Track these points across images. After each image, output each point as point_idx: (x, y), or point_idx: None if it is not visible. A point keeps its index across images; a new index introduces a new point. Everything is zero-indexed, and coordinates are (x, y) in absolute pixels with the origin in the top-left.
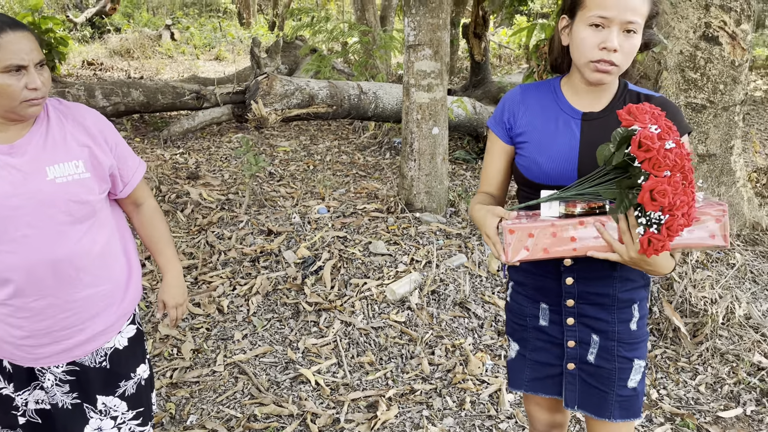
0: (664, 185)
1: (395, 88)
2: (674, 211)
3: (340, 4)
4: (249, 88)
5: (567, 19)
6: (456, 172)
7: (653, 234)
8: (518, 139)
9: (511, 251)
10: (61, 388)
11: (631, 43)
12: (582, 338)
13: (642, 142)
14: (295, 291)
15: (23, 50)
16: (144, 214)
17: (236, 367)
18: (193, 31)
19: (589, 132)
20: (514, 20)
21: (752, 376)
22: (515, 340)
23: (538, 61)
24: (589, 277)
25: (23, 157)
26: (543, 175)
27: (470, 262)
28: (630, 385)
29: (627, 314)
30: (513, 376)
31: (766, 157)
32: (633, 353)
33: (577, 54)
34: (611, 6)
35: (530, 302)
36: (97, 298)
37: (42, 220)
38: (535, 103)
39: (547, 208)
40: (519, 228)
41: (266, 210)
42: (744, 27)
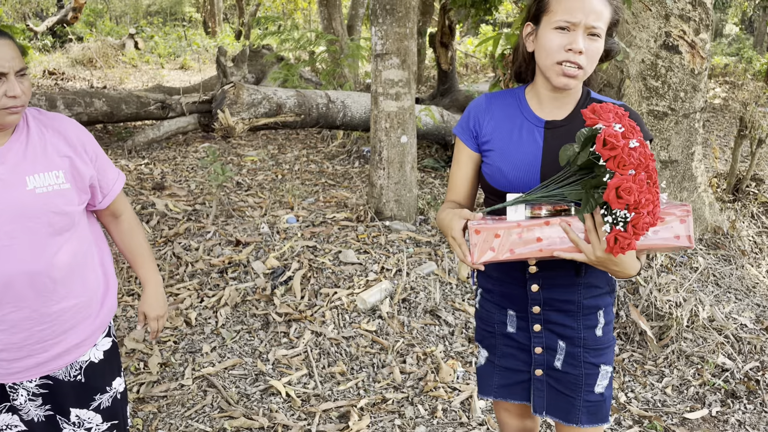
0: (630, 183)
1: (363, 97)
2: (640, 209)
3: (306, 13)
4: (215, 97)
5: (531, 26)
6: (425, 180)
7: (620, 232)
8: (484, 147)
9: (477, 252)
10: (34, 402)
11: (595, 46)
12: (549, 344)
13: (607, 140)
14: (264, 302)
15: (4, 58)
16: (123, 225)
17: (205, 381)
18: (157, 40)
19: (552, 140)
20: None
21: (717, 377)
22: (484, 346)
23: (504, 70)
24: (554, 285)
25: (2, 166)
26: (507, 183)
27: (440, 270)
28: (597, 391)
29: (592, 320)
30: (482, 383)
31: (726, 162)
32: (599, 359)
33: (543, 57)
34: (577, 10)
35: (498, 309)
36: (74, 310)
37: (21, 230)
38: (499, 111)
39: (513, 212)
40: (485, 228)
41: (234, 220)
42: (703, 36)
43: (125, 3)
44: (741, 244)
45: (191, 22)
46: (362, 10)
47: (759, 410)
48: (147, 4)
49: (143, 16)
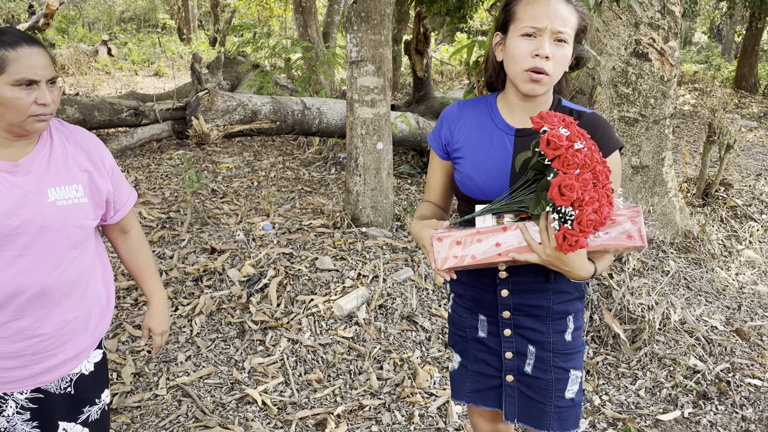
0: (571, 180)
1: (339, 104)
2: (583, 206)
3: (282, 20)
4: (190, 104)
5: (500, 35)
6: (401, 186)
7: (567, 229)
8: (455, 155)
9: (440, 259)
10: (21, 416)
11: (562, 52)
12: (519, 349)
13: (550, 140)
14: (240, 310)
15: (37, 65)
16: (131, 241)
17: (179, 390)
18: (131, 46)
19: (522, 147)
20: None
21: (688, 379)
22: (457, 351)
23: (478, 77)
24: (524, 290)
25: (26, 176)
26: (477, 190)
27: (417, 276)
28: (567, 396)
29: (562, 325)
30: (455, 387)
31: (696, 167)
32: (569, 363)
33: (511, 65)
34: (542, 16)
35: (469, 314)
36: (74, 323)
37: (39, 242)
38: (471, 118)
39: (482, 222)
40: (446, 236)
41: (209, 228)
42: (672, 44)
43: (98, 9)
44: (711, 248)
45: (165, 28)
46: (338, 17)
47: (730, 411)
48: (120, 11)
49: (117, 23)
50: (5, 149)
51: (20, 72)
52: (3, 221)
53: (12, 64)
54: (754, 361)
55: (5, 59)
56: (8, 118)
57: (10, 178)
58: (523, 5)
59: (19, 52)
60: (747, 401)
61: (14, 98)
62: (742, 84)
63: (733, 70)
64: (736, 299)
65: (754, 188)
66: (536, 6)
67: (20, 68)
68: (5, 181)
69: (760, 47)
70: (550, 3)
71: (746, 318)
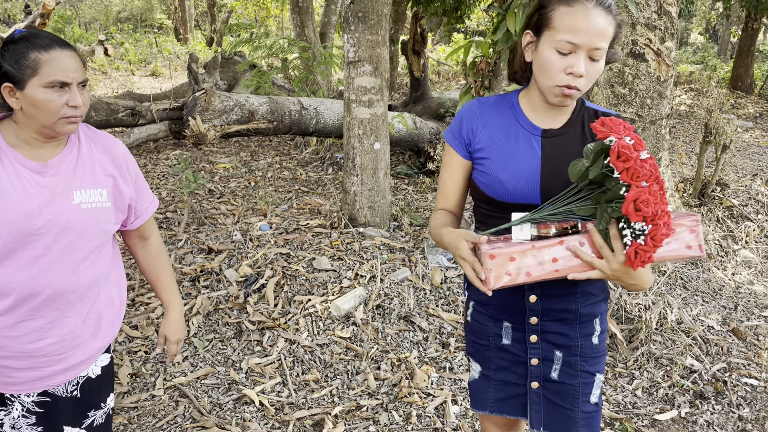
0: (647, 195)
1: (336, 104)
2: (657, 221)
3: (279, 20)
4: (186, 104)
5: (532, 36)
6: (398, 186)
7: (640, 245)
8: (477, 155)
9: (492, 278)
10: (26, 420)
11: (595, 68)
12: (545, 355)
13: (620, 152)
14: (237, 310)
15: (69, 68)
16: (150, 248)
17: (177, 391)
18: (127, 46)
19: (550, 149)
20: (452, 38)
21: (685, 378)
22: (477, 360)
23: (475, 78)
24: (553, 294)
25: (54, 177)
26: (505, 192)
27: (414, 276)
28: (592, 401)
29: (589, 328)
30: (477, 397)
31: (692, 168)
32: (594, 367)
33: (542, 75)
34: (581, 31)
35: (493, 321)
36: (85, 327)
37: (60, 243)
38: (494, 117)
39: (519, 231)
40: (499, 253)
41: (206, 228)
42: (668, 44)
43: (95, 9)
44: (707, 248)
45: (162, 28)
46: (335, 17)
47: (726, 411)
48: (117, 11)
49: (113, 23)
50: (35, 150)
51: (53, 74)
52: (29, 220)
53: (45, 66)
54: (751, 360)
55: (38, 61)
56: (40, 120)
57: (39, 179)
58: (561, 13)
59: (52, 54)
60: (743, 401)
61: (47, 100)
62: (738, 84)
63: (729, 70)
64: (732, 299)
65: (750, 188)
66: (576, 17)
67: (53, 70)
68: (33, 181)
69: (755, 48)
70: (591, 15)
71: (743, 318)
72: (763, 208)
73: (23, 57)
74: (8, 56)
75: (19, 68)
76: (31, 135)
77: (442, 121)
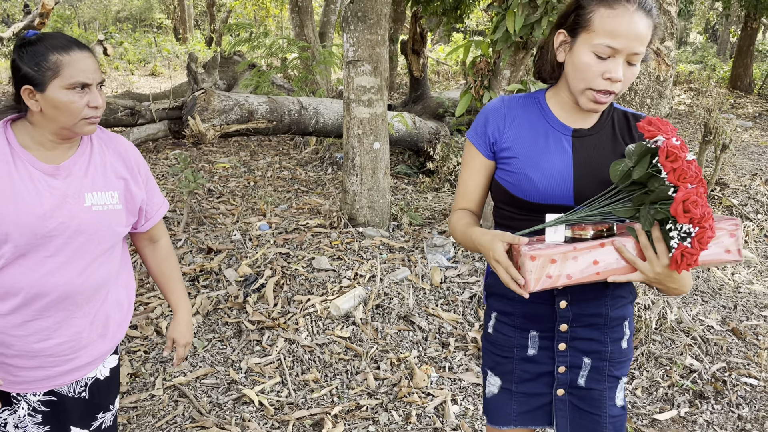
0: (696, 196)
1: (336, 104)
2: (703, 223)
3: (278, 19)
4: (186, 103)
5: (566, 36)
6: (398, 186)
7: (686, 248)
8: (503, 154)
9: (533, 280)
10: (32, 419)
11: (632, 72)
12: (573, 362)
13: (670, 151)
14: (236, 310)
15: (89, 69)
16: (159, 251)
17: (176, 390)
18: (127, 46)
19: (581, 149)
20: (452, 37)
21: (685, 378)
22: (498, 374)
23: (475, 77)
24: (583, 299)
25: (66, 179)
26: (536, 192)
27: (414, 276)
28: (618, 404)
29: (619, 332)
30: (498, 413)
31: None
32: (621, 371)
33: (576, 78)
34: (622, 36)
35: (518, 332)
36: (92, 329)
37: (71, 245)
38: (521, 116)
39: (552, 233)
40: (540, 255)
41: (205, 228)
42: (668, 44)
43: (94, 9)
44: None
45: (161, 28)
46: (334, 17)
47: (726, 410)
48: (116, 10)
49: (112, 22)
50: (49, 152)
51: (74, 76)
52: (41, 223)
53: (66, 68)
54: (750, 360)
55: (59, 63)
56: (61, 122)
57: (51, 181)
58: (601, 16)
59: (72, 56)
60: (743, 400)
61: (68, 101)
62: (737, 84)
63: (729, 70)
64: (732, 299)
65: (750, 188)
66: (617, 21)
67: (74, 72)
68: (46, 183)
69: (755, 47)
70: (633, 19)
71: (742, 317)
72: (762, 207)
73: (43, 59)
74: (27, 58)
75: (39, 70)
76: (47, 137)
77: (441, 120)
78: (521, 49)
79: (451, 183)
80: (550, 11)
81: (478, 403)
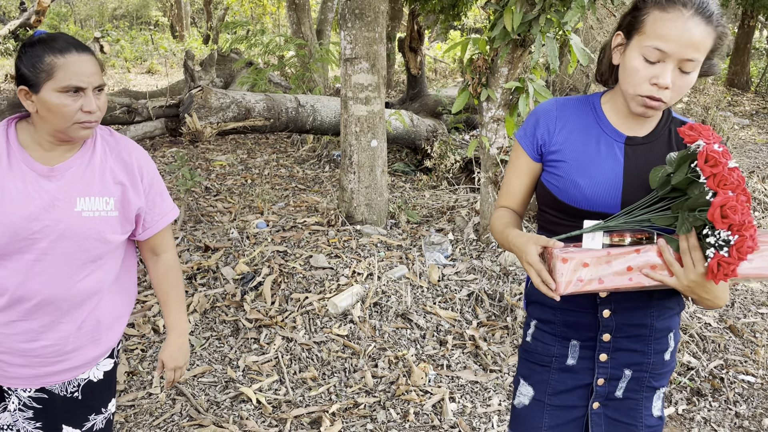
0: (735, 202)
1: (333, 101)
2: (743, 231)
3: (275, 17)
4: (183, 101)
5: (622, 38)
6: (395, 184)
7: (723, 257)
8: (551, 157)
9: (563, 282)
10: (23, 414)
11: (684, 81)
12: (613, 374)
13: (709, 156)
14: (234, 308)
15: (84, 73)
16: (159, 266)
17: (174, 389)
18: (123, 44)
19: (634, 157)
20: (449, 35)
21: (682, 375)
22: (531, 383)
23: (472, 75)
24: (628, 308)
25: (58, 182)
26: (583, 199)
27: (411, 273)
28: (655, 414)
29: (663, 344)
30: (526, 424)
31: None
32: (660, 382)
33: (625, 82)
34: (672, 39)
35: (559, 341)
36: (79, 334)
37: (56, 250)
38: (573, 119)
39: (590, 239)
40: (573, 258)
41: (203, 226)
42: None
43: (90, 6)
44: None
45: (158, 25)
46: (331, 14)
47: (723, 408)
48: (113, 8)
49: (109, 20)
50: (46, 152)
51: (67, 79)
52: (24, 224)
53: (60, 70)
54: (748, 357)
55: (53, 65)
56: (54, 124)
57: (43, 183)
58: (654, 17)
59: (68, 58)
60: (740, 398)
61: (60, 104)
62: (734, 82)
63: (726, 68)
64: (729, 296)
65: (748, 185)
66: (668, 24)
67: (67, 75)
68: (36, 184)
69: (752, 45)
70: (687, 24)
71: (739, 315)
72: (759, 205)
73: (39, 60)
74: (26, 59)
75: (34, 72)
76: (45, 138)
77: (439, 118)
78: (519, 47)
79: (448, 181)
80: (548, 8)
81: (476, 401)
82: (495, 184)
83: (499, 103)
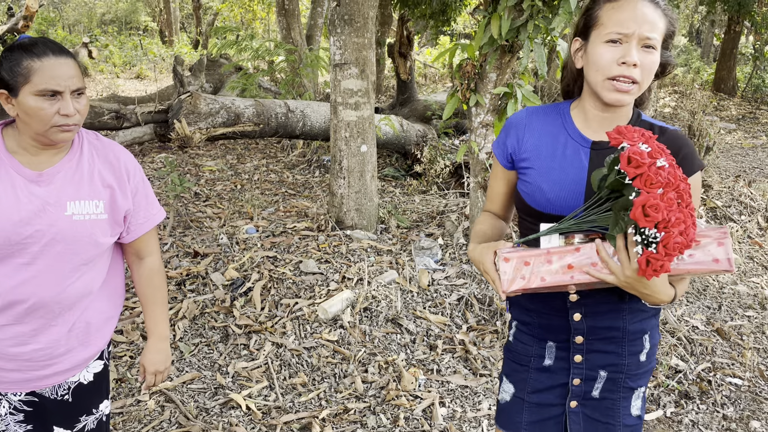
0: (656, 200)
1: (323, 107)
2: (669, 228)
3: (265, 22)
4: (172, 106)
5: (580, 41)
6: (385, 189)
7: (651, 254)
8: (521, 164)
9: (507, 280)
10: (14, 417)
11: (650, 59)
12: (588, 375)
13: (631, 157)
14: (223, 314)
15: (61, 76)
16: (142, 270)
17: (163, 396)
18: (112, 49)
19: (598, 162)
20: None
21: (670, 378)
22: (512, 381)
23: (461, 80)
24: (598, 311)
25: (48, 186)
26: (547, 203)
27: (401, 278)
28: (634, 413)
29: (638, 346)
30: (508, 418)
31: None
32: (637, 382)
33: (593, 73)
34: (629, 21)
35: (536, 341)
36: (70, 336)
37: (48, 254)
38: (541, 127)
39: (547, 242)
40: (514, 256)
41: (192, 231)
42: None
43: (78, 11)
44: None
45: (147, 31)
46: (321, 20)
47: (711, 410)
48: (101, 13)
49: (97, 25)
50: (33, 157)
51: (43, 82)
52: (16, 229)
53: (36, 74)
54: (735, 360)
55: (30, 69)
56: (33, 128)
57: (32, 188)
58: (607, 10)
59: (44, 62)
60: (728, 400)
61: (37, 108)
62: (720, 87)
63: (712, 72)
64: (716, 299)
65: (734, 189)
66: (622, 10)
67: (44, 79)
68: (26, 190)
69: (738, 50)
70: (638, 7)
71: (726, 318)
72: (746, 209)
73: (17, 64)
74: (5, 63)
75: (13, 75)
76: (29, 142)
77: (428, 123)
78: (507, 53)
79: (438, 185)
80: (535, 14)
81: (466, 406)
82: (484, 188)
83: (488, 108)
